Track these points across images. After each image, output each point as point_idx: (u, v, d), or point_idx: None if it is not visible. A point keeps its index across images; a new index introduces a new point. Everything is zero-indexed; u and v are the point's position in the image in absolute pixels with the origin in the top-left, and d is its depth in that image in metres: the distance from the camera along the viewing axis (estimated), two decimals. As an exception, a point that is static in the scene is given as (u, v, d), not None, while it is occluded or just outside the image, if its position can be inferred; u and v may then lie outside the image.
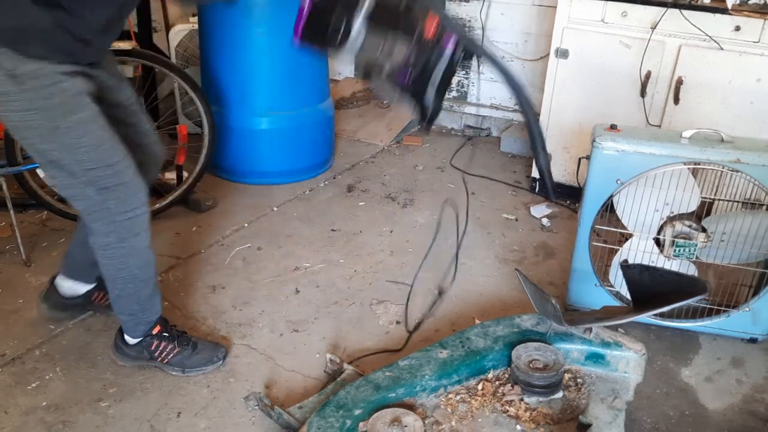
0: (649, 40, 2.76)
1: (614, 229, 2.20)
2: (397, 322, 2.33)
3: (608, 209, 2.16)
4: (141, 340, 2.01)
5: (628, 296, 2.05)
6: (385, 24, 2.12)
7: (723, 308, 2.19)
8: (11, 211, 2.56)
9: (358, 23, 2.03)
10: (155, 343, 2.01)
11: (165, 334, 2.03)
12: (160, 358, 2.03)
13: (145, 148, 2.00)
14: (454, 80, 4.18)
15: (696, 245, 2.12)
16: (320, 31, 2.00)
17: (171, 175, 3.13)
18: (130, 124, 1.94)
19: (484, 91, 4.13)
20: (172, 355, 2.02)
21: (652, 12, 2.75)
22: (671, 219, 2.13)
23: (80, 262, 2.14)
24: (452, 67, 2.17)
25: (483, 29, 3.95)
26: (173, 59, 3.72)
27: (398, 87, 2.10)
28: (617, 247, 2.22)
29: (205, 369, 2.05)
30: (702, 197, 2.09)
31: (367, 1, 2.02)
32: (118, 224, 1.79)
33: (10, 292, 2.41)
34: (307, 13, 2.01)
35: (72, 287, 2.19)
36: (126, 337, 2.02)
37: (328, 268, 2.65)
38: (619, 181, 2.10)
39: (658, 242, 2.17)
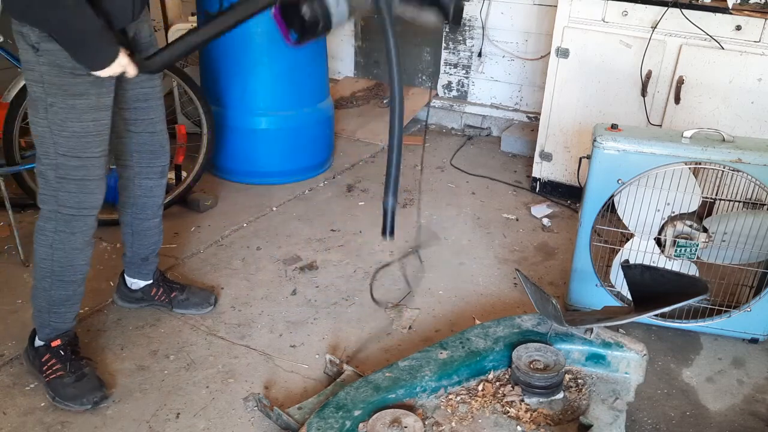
0: (650, 39, 2.75)
1: (615, 229, 2.20)
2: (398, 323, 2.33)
3: (609, 209, 2.15)
4: (39, 348, 1.95)
5: (629, 296, 2.04)
6: None
7: (724, 308, 2.18)
8: (10, 211, 2.56)
9: None
10: (47, 356, 1.93)
11: (61, 352, 1.93)
12: (44, 374, 1.92)
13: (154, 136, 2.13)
14: (454, 80, 4.17)
15: (697, 245, 2.11)
16: (302, 24, 1.98)
17: (170, 175, 3.11)
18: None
19: (484, 91, 4.12)
20: (54, 376, 1.91)
21: (652, 11, 2.75)
22: (672, 219, 2.13)
23: (129, 259, 2.25)
24: None
25: (483, 28, 3.94)
26: (172, 58, 3.70)
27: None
28: (618, 247, 2.21)
29: (70, 405, 1.89)
30: (703, 197, 2.08)
31: None
32: (60, 216, 1.81)
33: (9, 292, 2.40)
34: (280, 18, 2.00)
35: (133, 282, 2.30)
36: (36, 338, 1.98)
37: (327, 269, 2.64)
38: (620, 181, 2.09)
39: (659, 242, 2.17)
